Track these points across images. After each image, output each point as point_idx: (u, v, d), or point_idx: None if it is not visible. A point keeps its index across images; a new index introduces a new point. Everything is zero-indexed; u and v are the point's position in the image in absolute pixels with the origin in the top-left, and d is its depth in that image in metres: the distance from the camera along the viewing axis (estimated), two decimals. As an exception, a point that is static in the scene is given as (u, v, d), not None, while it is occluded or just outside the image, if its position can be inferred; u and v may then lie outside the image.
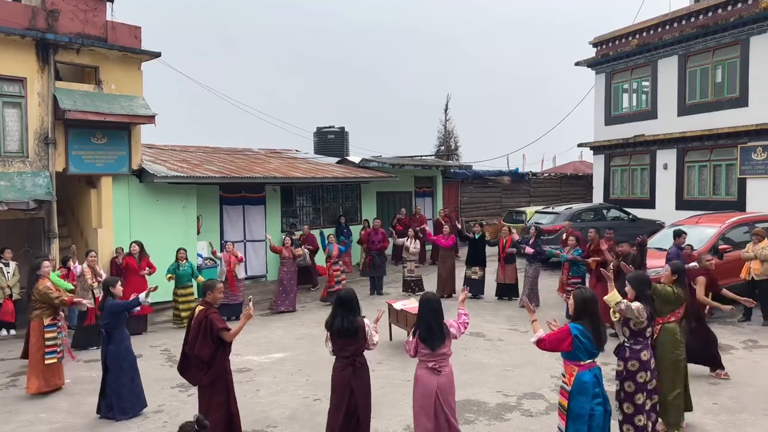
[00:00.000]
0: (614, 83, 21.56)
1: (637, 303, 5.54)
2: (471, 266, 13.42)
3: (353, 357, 5.52)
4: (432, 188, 21.87)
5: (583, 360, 5.03)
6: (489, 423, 6.63)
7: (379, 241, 14.29)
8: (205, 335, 5.69)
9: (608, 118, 21.72)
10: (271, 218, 16.12)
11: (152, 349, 10.08)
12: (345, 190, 18.66)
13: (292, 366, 8.92)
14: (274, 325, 11.58)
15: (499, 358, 8.94)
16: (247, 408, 6.87)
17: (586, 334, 5.00)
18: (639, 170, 20.83)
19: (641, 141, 20.11)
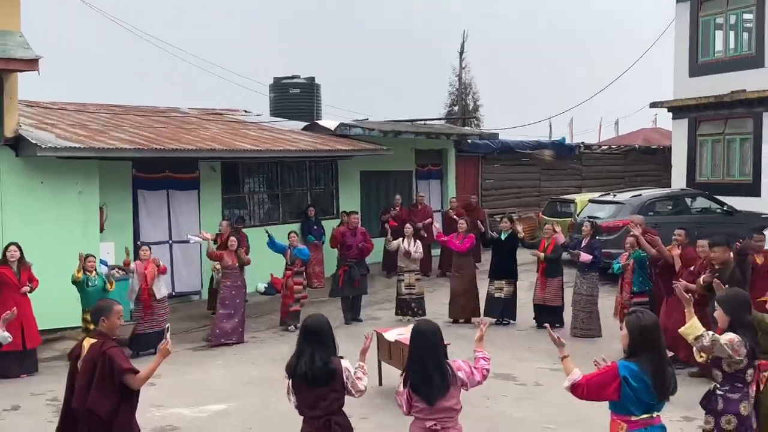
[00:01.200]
0: (703, 17, 21.61)
1: (730, 334, 5.57)
2: (495, 279, 13.41)
3: (327, 416, 5.44)
4: (441, 166, 21.85)
5: (636, 414, 5.03)
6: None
7: (357, 244, 14.12)
8: (102, 380, 5.63)
9: (694, 66, 21.81)
10: (207, 209, 16.03)
11: (35, 399, 10.01)
12: (315, 168, 18.60)
13: (238, 423, 8.86)
14: (212, 363, 11.54)
15: (538, 411, 8.94)
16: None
17: (641, 377, 4.99)
18: (738, 141, 20.92)
19: (742, 99, 20.19)
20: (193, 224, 15.43)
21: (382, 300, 15.42)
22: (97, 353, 5.67)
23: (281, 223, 17.24)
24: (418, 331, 5.48)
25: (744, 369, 5.62)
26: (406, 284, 13.81)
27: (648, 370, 5.02)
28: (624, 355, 5.22)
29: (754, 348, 5.62)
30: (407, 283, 13.80)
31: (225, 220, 14.91)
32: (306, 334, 5.53)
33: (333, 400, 5.43)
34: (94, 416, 5.65)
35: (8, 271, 11.00)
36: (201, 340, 12.90)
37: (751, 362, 5.63)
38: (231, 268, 12.83)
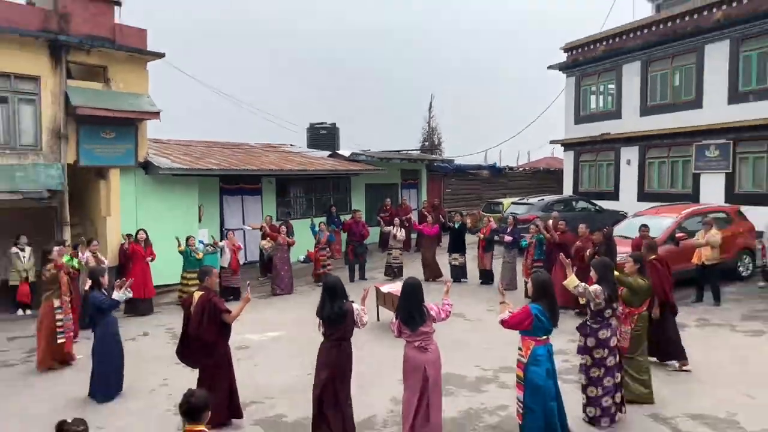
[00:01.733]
0: (583, 86, 21.65)
1: (596, 286, 5.63)
2: (452, 253, 13.47)
3: (339, 340, 5.49)
4: (417, 180, 21.89)
5: (539, 336, 5.15)
6: (468, 394, 6.72)
7: (359, 232, 14.04)
8: (209, 317, 5.67)
9: (577, 117, 21.82)
10: (266, 207, 16.08)
11: (157, 329, 10.07)
12: (336, 181, 18.61)
13: (286, 344, 8.95)
14: (270, 307, 11.57)
15: (478, 336, 9.01)
16: (246, 382, 6.88)
17: (544, 313, 5.11)
18: (605, 165, 20.98)
19: (607, 139, 20.23)
20: (257, 217, 15.43)
21: (378, 267, 15.41)
22: (206, 300, 5.70)
23: (314, 217, 17.26)
24: (407, 284, 5.47)
25: (603, 309, 5.65)
26: (393, 256, 13.82)
27: (547, 308, 5.12)
28: (530, 300, 5.32)
29: (610, 296, 5.66)
30: (394, 256, 13.81)
31: (268, 216, 14.67)
32: (325, 289, 5.55)
33: (345, 331, 5.48)
34: (203, 340, 5.69)
35: (138, 247, 11.07)
36: (262, 293, 12.89)
37: (608, 305, 5.65)
38: (282, 246, 12.84)
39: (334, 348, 5.46)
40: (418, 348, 5.35)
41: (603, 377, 5.69)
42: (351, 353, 5.58)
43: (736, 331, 9.01)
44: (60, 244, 9.37)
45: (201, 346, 5.74)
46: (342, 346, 5.49)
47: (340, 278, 5.72)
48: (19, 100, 11.22)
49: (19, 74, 11.13)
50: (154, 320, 10.68)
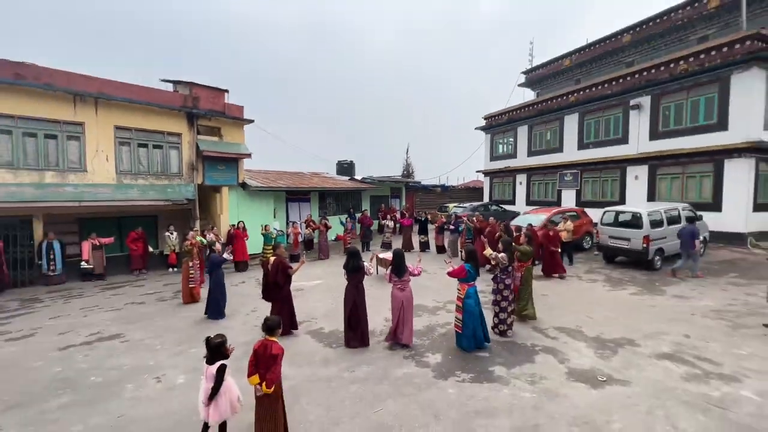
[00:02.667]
0: (495, 138, 21.57)
1: (503, 254, 5.65)
2: (420, 234, 13.40)
3: (357, 283, 5.56)
4: (399, 193, 21.77)
5: (470, 281, 5.20)
6: (429, 316, 6.71)
7: (367, 223, 13.91)
8: (280, 271, 5.68)
9: (492, 156, 21.65)
10: (313, 210, 15.95)
11: (250, 279, 9.99)
12: (353, 194, 18.46)
13: (325, 287, 8.88)
14: (316, 267, 11.48)
15: (435, 282, 8.96)
16: (300, 309, 6.86)
17: (472, 268, 5.20)
18: (508, 185, 20.90)
19: (508, 170, 20.17)
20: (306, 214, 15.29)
21: (376, 243, 15.36)
22: (278, 262, 5.70)
23: (340, 214, 17.20)
24: (397, 252, 5.55)
25: (507, 266, 5.66)
26: (386, 237, 13.63)
27: (473, 266, 5.16)
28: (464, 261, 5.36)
29: (510, 258, 5.68)
30: (386, 236, 13.63)
31: (308, 214, 14.34)
32: (349, 253, 5.61)
33: (360, 277, 5.55)
34: (277, 285, 5.68)
35: (239, 232, 10.92)
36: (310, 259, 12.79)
37: (509, 264, 5.67)
38: (323, 232, 12.60)
39: (354, 288, 5.56)
40: (398, 288, 5.43)
41: (508, 306, 5.72)
42: (364, 290, 5.69)
43: (581, 280, 9.00)
44: (192, 230, 9.30)
45: (274, 287, 5.75)
46: (359, 286, 5.59)
47: (357, 248, 5.80)
48: (169, 146, 11.13)
49: (170, 132, 11.04)
50: (248, 275, 10.58)
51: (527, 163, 19.07)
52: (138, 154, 10.77)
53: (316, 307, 7.35)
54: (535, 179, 18.99)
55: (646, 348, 5.42)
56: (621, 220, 10.37)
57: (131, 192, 10.28)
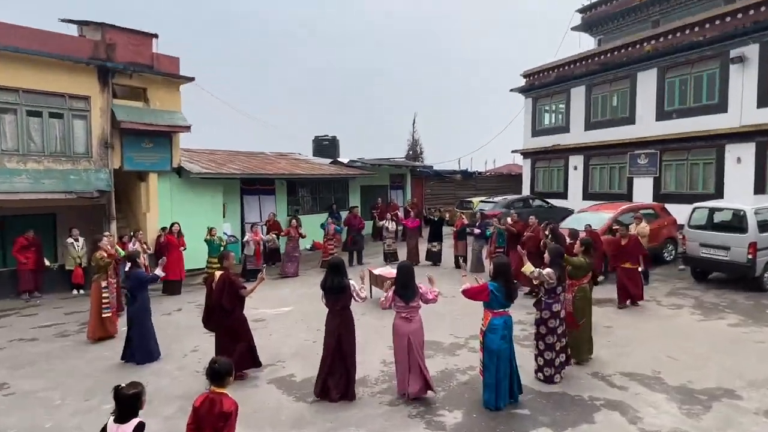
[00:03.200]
0: (538, 105, 21.72)
1: (548, 269, 5.65)
2: (431, 242, 13.48)
3: (341, 309, 5.55)
4: (402, 183, 21.87)
5: (496, 309, 5.17)
6: (444, 357, 6.75)
7: (357, 225, 13.99)
8: (228, 291, 5.69)
9: (534, 131, 21.86)
10: (279, 205, 16.01)
11: (189, 305, 10.00)
12: (336, 184, 18.53)
13: (296, 316, 8.93)
14: (282, 286, 11.53)
15: (452, 309, 9.01)
16: (263, 348, 6.86)
17: (500, 289, 5.14)
18: (556, 170, 21.08)
19: (558, 149, 20.33)
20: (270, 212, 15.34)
21: (372, 253, 15.39)
22: (226, 277, 5.70)
23: (318, 213, 17.26)
24: (404, 266, 5.57)
25: (555, 287, 5.68)
26: (387, 245, 13.78)
27: (503, 286, 5.15)
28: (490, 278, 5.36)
29: (560, 276, 5.71)
30: (388, 245, 13.78)
31: (271, 213, 14.31)
32: (331, 267, 5.63)
33: (344, 301, 5.55)
34: (224, 309, 5.68)
35: (173, 238, 10.95)
36: (276, 274, 12.83)
37: (559, 283, 5.69)
38: (294, 238, 12.65)
39: (338, 316, 5.52)
40: (404, 318, 5.42)
41: (555, 342, 5.74)
42: (353, 319, 5.65)
43: (660, 306, 9.09)
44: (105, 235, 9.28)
45: (220, 312, 5.76)
46: (345, 314, 5.56)
47: (341, 259, 5.83)
48: (73, 115, 11.09)
49: (72, 94, 11.00)
50: (185, 298, 10.60)
51: (584, 139, 19.22)
52: (27, 126, 10.71)
53: (284, 345, 7.39)
54: (596, 162, 19.12)
55: (751, 401, 5.42)
56: (717, 220, 10.43)
57: (17, 181, 10.21)
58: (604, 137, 18.31)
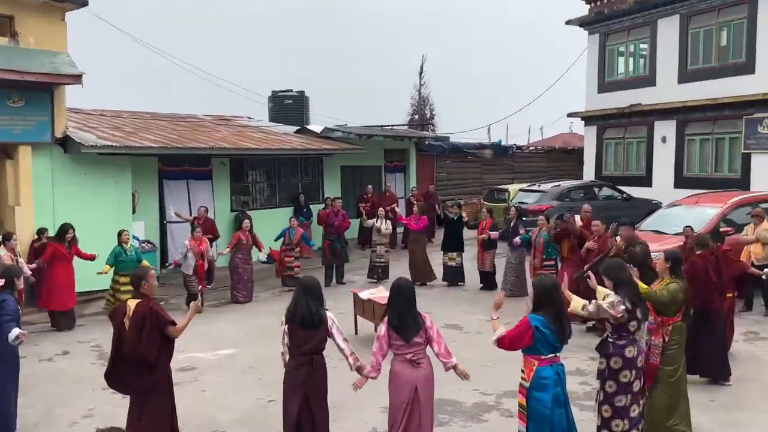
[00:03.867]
0: (609, 45, 21.78)
1: (611, 296, 5.53)
2: (447, 251, 13.52)
3: (311, 355, 5.50)
4: (404, 163, 21.87)
5: (544, 354, 5.11)
6: (465, 424, 6.74)
7: (338, 224, 14.11)
8: (151, 330, 5.54)
9: (602, 84, 21.97)
10: (219, 195, 15.97)
11: (81, 346, 9.95)
12: (305, 163, 18.53)
13: (244, 363, 8.90)
14: (223, 318, 11.50)
15: (478, 352, 8.95)
16: (191, 411, 6.84)
17: (547, 325, 5.07)
18: (635, 144, 21.16)
19: (638, 111, 20.41)
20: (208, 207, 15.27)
21: (356, 267, 15.42)
22: (146, 309, 5.58)
23: (277, 207, 17.23)
24: (397, 285, 5.56)
25: (626, 322, 5.53)
26: (377, 254, 13.88)
27: (552, 320, 5.11)
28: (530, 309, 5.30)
29: (633, 302, 5.54)
30: (378, 254, 13.87)
31: (203, 207, 14.21)
32: (304, 289, 5.62)
33: (318, 341, 5.53)
34: (143, 359, 5.58)
35: (62, 246, 10.87)
36: (214, 301, 12.79)
37: (632, 316, 5.53)
38: (245, 245, 12.70)
39: (306, 365, 5.50)
40: (409, 362, 5.39)
41: (630, 406, 5.63)
42: (326, 370, 5.66)
43: None
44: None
45: (137, 366, 5.64)
46: (315, 362, 5.54)
47: (316, 279, 5.87)
48: None
49: None
50: (77, 335, 10.55)
51: (678, 96, 19.35)
52: None
53: (224, 408, 7.36)
54: (695, 131, 19.25)
55: None
56: None
57: None
58: (707, 93, 18.37)
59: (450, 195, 22.92)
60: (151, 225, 14.22)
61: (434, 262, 13.93)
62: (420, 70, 38.22)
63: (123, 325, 5.61)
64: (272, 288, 13.85)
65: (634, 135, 21.11)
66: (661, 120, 19.90)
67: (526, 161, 26.62)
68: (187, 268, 11.80)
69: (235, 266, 12.73)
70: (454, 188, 23.89)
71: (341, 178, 19.62)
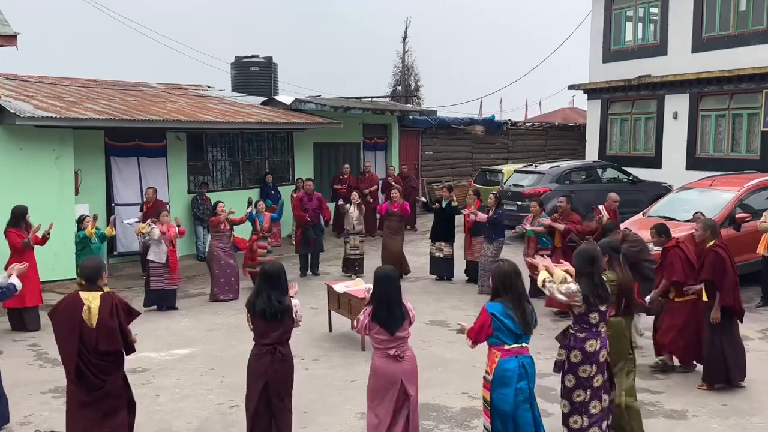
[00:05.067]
0: (615, 9, 21.79)
1: (568, 284, 5.64)
2: (436, 241, 13.46)
3: (275, 345, 5.68)
4: (386, 139, 21.82)
5: (507, 344, 5.30)
6: (451, 431, 6.77)
7: (313, 209, 14.01)
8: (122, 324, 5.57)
9: (607, 53, 22.02)
10: (174, 174, 15.82)
11: (16, 345, 9.83)
12: (273, 140, 18.45)
13: (202, 364, 8.85)
14: (180, 312, 11.45)
15: (466, 352, 8.93)
16: (142, 419, 6.79)
17: (506, 312, 5.27)
18: (643, 120, 21.27)
19: (646, 83, 20.50)
20: (162, 188, 15.17)
21: (331, 257, 15.40)
22: (114, 301, 5.57)
23: (241, 189, 17.11)
24: (385, 274, 5.72)
25: (586, 312, 5.69)
26: (351, 246, 13.75)
27: (511, 306, 5.28)
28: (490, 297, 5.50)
29: (597, 294, 5.67)
30: (352, 245, 13.74)
31: (151, 188, 14.04)
32: (265, 278, 5.74)
33: (281, 332, 5.69)
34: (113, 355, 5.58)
35: (15, 235, 10.51)
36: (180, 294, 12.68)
37: (591, 307, 5.67)
38: (223, 231, 12.42)
39: (267, 355, 5.66)
40: (393, 357, 5.52)
41: (589, 401, 5.79)
42: (292, 362, 5.82)
43: None
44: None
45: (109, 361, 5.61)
46: (278, 352, 5.69)
47: (283, 266, 5.98)
48: None
49: None
50: (11, 332, 10.41)
51: (691, 66, 19.44)
52: None
53: (180, 414, 7.35)
54: (710, 107, 19.43)
55: None
56: None
57: None
58: (724, 64, 18.46)
59: (437, 176, 22.96)
60: (96, 208, 14.03)
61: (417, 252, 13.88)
62: (404, 36, 38.13)
63: (83, 321, 5.50)
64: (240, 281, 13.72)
65: (643, 110, 21.20)
66: (673, 93, 19.99)
67: (521, 139, 26.70)
68: (157, 256, 11.39)
69: (216, 258, 12.28)
70: (442, 168, 23.91)
71: (314, 156, 19.54)
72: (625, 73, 21.13)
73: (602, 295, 5.74)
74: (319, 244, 14.23)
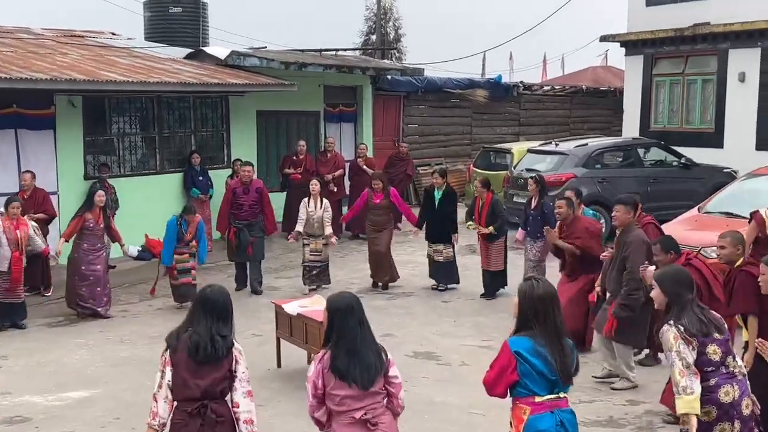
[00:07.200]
0: (664, -66, 21.96)
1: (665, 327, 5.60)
2: (432, 243, 13.64)
3: (204, 402, 5.47)
4: (355, 107, 21.85)
5: (539, 394, 5.14)
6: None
7: (251, 203, 13.92)
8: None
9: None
10: (66, 153, 15.72)
11: None
12: (202, 107, 18.46)
13: (105, 412, 8.83)
14: (73, 342, 11.40)
15: (463, 394, 9.02)
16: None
17: (538, 351, 5.09)
18: (699, 83, 21.46)
19: (705, 34, 20.70)
20: (49, 171, 15.12)
21: (282, 267, 15.40)
22: None
23: (158, 173, 17.01)
24: (347, 304, 5.35)
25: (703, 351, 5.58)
26: (311, 250, 13.68)
27: (545, 344, 5.10)
28: None
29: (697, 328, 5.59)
30: (312, 249, 13.67)
31: (28, 172, 14.10)
32: (207, 305, 5.53)
33: (214, 381, 5.44)
34: None
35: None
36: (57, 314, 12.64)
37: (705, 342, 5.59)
38: (94, 229, 12.44)
39: (196, 418, 5.48)
40: (360, 423, 5.33)
41: None
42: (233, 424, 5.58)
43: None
44: None
45: None
46: (210, 411, 5.50)
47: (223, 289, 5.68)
48: None
49: None
50: None
51: (764, 13, 19.58)
52: None
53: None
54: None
55: None
56: None
57: None
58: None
59: (425, 157, 22.96)
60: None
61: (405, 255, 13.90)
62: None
63: None
64: (149, 298, 13.64)
65: (699, 69, 21.38)
66: (739, 48, 20.22)
67: (537, 108, 26.82)
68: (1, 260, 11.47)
69: (76, 262, 12.45)
70: (431, 147, 23.95)
71: (257, 129, 19.57)
72: (676, 20, 21.27)
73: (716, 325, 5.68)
74: (258, 250, 14.07)
